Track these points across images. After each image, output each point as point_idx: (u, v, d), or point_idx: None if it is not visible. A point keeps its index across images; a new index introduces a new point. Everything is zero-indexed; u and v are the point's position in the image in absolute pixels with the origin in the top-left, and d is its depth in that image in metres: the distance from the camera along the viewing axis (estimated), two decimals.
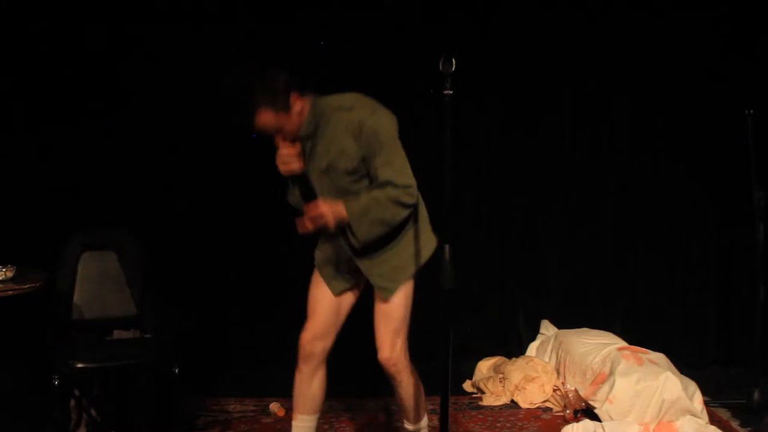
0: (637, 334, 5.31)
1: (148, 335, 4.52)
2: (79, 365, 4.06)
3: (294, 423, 3.86)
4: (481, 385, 5.23)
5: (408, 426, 3.93)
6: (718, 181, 5.68)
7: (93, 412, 4.53)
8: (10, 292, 3.86)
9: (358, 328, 4.79)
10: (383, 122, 3.45)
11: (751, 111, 4.83)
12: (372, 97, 3.57)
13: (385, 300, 3.65)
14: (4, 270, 3.99)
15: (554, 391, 5.04)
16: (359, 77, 4.68)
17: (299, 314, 5.31)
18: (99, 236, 4.54)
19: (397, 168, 3.47)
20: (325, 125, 3.47)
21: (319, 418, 3.90)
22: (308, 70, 4.31)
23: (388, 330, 3.68)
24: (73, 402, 4.49)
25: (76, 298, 4.44)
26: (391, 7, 5.36)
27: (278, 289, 5.36)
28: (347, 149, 3.45)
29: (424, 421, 3.93)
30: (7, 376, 4.84)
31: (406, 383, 3.77)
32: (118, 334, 4.65)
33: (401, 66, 5.35)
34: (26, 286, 3.93)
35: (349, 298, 3.80)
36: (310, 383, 3.77)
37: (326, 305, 3.75)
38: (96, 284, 4.48)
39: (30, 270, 4.14)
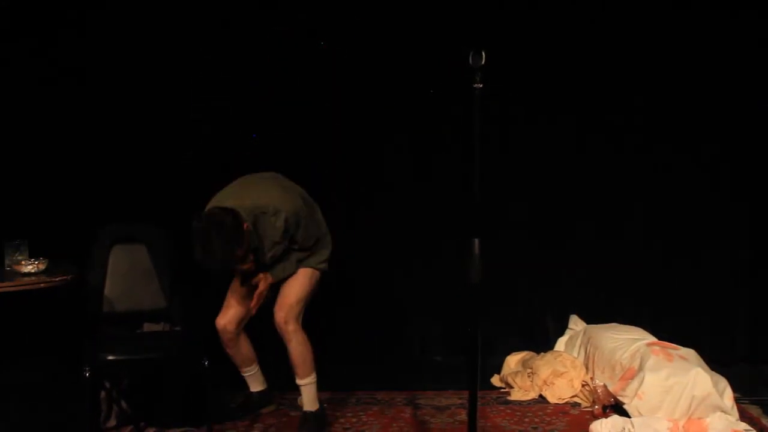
0: (666, 330, 5.27)
1: (177, 328, 4.55)
2: (110, 357, 4.09)
3: (245, 374, 4.70)
4: (510, 380, 5.22)
5: (298, 381, 4.48)
6: (752, 178, 5.62)
7: (123, 404, 4.57)
8: (42, 285, 3.91)
9: (389, 326, 4.81)
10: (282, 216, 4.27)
11: None
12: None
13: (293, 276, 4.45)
14: (36, 263, 4.04)
15: (583, 386, 5.02)
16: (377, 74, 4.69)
17: (327, 308, 5.33)
18: (129, 230, 4.56)
19: None
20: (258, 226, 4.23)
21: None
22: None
23: (289, 300, 4.39)
24: (103, 394, 4.53)
25: (107, 291, 4.47)
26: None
27: None
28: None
29: (313, 376, 4.49)
30: (38, 368, 4.89)
31: (295, 343, 4.39)
32: (148, 326, 4.68)
33: (415, 62, 5.38)
34: (57, 279, 3.97)
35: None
36: (240, 350, 4.58)
37: (237, 300, 4.47)
38: (126, 277, 4.51)
39: (61, 263, 4.18)
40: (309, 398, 4.48)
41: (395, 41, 5.42)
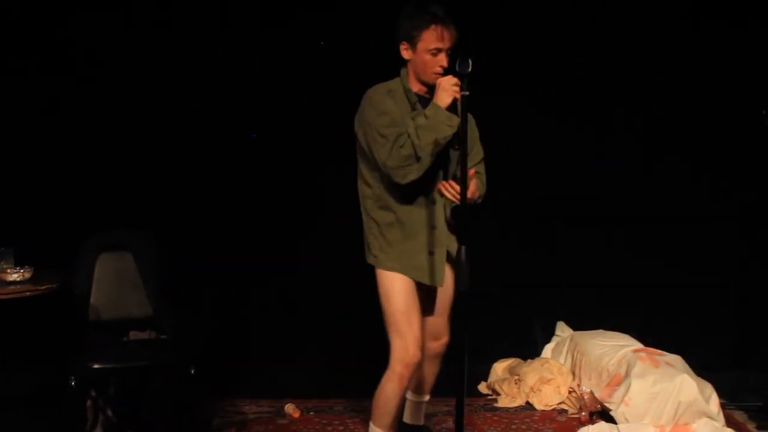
0: (653, 336, 5.28)
1: (164, 336, 4.54)
2: (96, 366, 4.07)
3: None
4: (497, 387, 5.22)
5: (426, 398, 4.28)
6: (740, 184, 5.64)
7: (109, 412, 4.54)
8: (27, 293, 3.89)
9: (376, 333, 4.78)
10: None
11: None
12: None
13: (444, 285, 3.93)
14: (21, 271, 4.02)
15: (570, 392, 5.03)
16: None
17: (316, 316, 5.32)
18: (115, 237, 4.55)
19: None
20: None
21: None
22: None
23: (447, 319, 4.06)
24: (89, 402, 4.51)
25: (93, 299, 4.45)
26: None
27: (295, 290, 5.37)
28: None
29: None
30: (23, 376, 4.87)
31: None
32: (134, 334, 4.67)
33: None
34: (43, 287, 3.96)
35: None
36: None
37: (419, 316, 3.90)
38: (112, 285, 4.50)
39: (47, 271, 4.17)
40: (424, 412, 4.34)
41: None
